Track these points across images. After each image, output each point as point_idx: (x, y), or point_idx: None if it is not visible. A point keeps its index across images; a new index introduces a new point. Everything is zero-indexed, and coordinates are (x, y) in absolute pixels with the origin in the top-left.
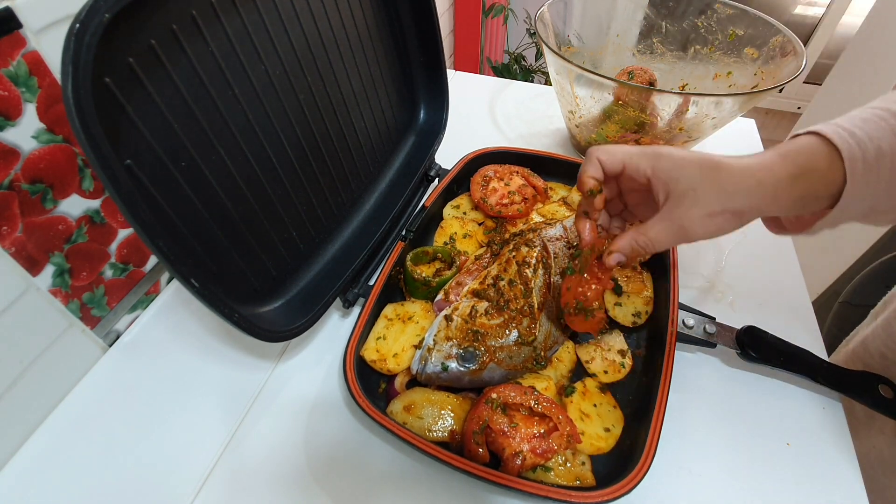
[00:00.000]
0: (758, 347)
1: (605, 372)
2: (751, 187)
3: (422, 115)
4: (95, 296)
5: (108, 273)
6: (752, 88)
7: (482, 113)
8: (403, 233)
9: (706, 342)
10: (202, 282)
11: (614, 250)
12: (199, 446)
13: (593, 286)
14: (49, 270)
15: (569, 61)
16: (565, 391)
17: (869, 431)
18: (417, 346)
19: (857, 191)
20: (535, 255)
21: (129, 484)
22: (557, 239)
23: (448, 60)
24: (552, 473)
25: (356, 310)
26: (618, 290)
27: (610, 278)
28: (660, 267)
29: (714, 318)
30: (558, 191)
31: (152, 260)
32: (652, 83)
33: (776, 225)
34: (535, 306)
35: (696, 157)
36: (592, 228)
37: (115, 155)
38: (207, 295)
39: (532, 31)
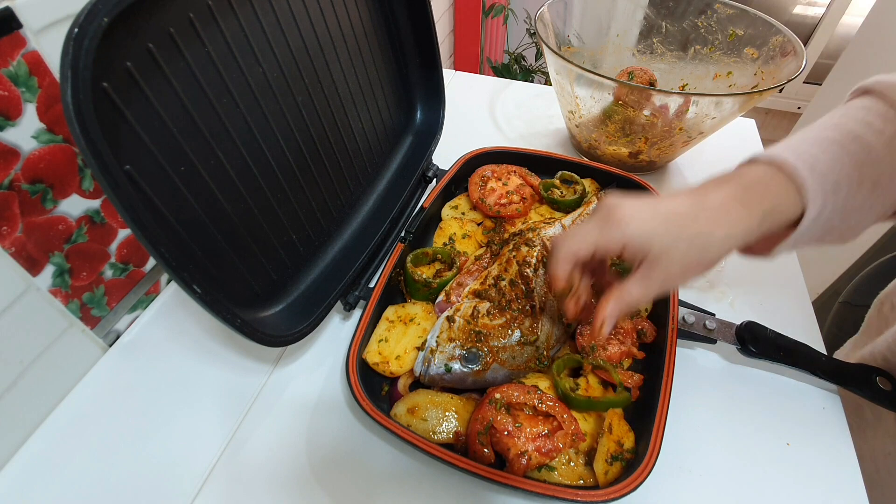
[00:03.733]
0: (757, 342)
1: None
2: (721, 239)
3: (418, 116)
4: (95, 296)
5: (108, 273)
6: (752, 88)
7: (482, 113)
8: (403, 234)
9: (706, 338)
10: (205, 287)
11: (604, 317)
12: (200, 446)
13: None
14: (49, 270)
15: (569, 61)
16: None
17: (875, 433)
18: (420, 348)
19: (814, 222)
20: (535, 254)
21: (128, 484)
22: None
23: (448, 61)
24: (556, 473)
25: (357, 312)
26: None
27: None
28: None
29: (714, 314)
30: None
31: (152, 260)
32: (652, 83)
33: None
34: (537, 306)
35: (662, 216)
36: (576, 304)
37: (116, 160)
38: (210, 301)
39: (532, 31)
